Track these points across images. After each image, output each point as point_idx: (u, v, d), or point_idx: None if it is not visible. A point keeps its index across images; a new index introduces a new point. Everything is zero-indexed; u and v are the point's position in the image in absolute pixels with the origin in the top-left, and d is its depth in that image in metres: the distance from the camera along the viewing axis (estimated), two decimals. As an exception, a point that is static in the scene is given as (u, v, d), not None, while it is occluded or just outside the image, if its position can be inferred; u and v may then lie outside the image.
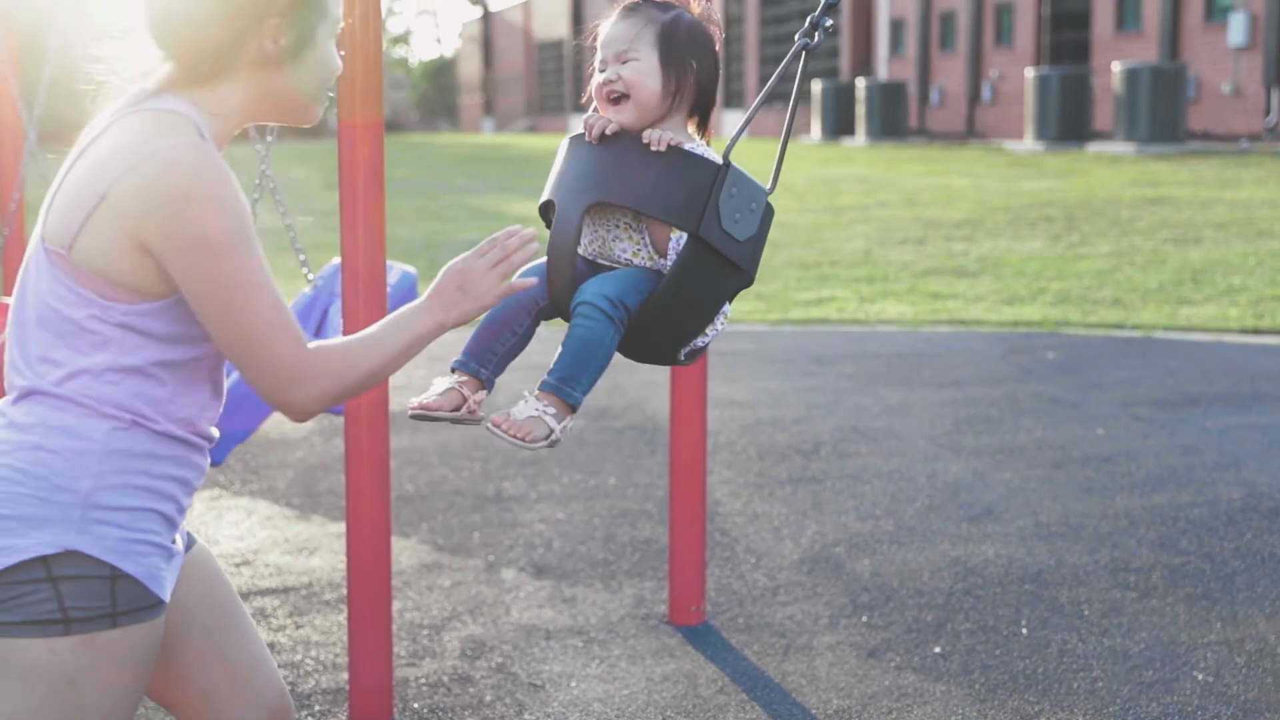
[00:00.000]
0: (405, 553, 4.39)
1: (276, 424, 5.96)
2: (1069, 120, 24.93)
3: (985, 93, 31.87)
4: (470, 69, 79.28)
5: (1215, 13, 25.82)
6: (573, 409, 2.10)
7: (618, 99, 2.13)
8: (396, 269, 4.05)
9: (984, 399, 6.47)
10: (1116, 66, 23.50)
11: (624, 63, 2.13)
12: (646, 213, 2.09)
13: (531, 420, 2.07)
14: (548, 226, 2.16)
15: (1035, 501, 4.86)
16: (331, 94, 1.93)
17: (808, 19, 2.20)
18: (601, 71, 2.15)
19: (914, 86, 34.24)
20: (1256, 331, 8.09)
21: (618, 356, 2.17)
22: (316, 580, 4.14)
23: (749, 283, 2.17)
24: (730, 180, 2.10)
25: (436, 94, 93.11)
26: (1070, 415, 6.11)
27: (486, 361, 2.17)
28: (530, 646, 3.66)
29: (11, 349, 1.83)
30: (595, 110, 2.19)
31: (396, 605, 3.89)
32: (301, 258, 4.05)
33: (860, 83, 32.06)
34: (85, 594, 1.74)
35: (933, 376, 7.01)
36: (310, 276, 4.12)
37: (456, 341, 2.36)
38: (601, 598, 4.00)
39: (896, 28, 35.95)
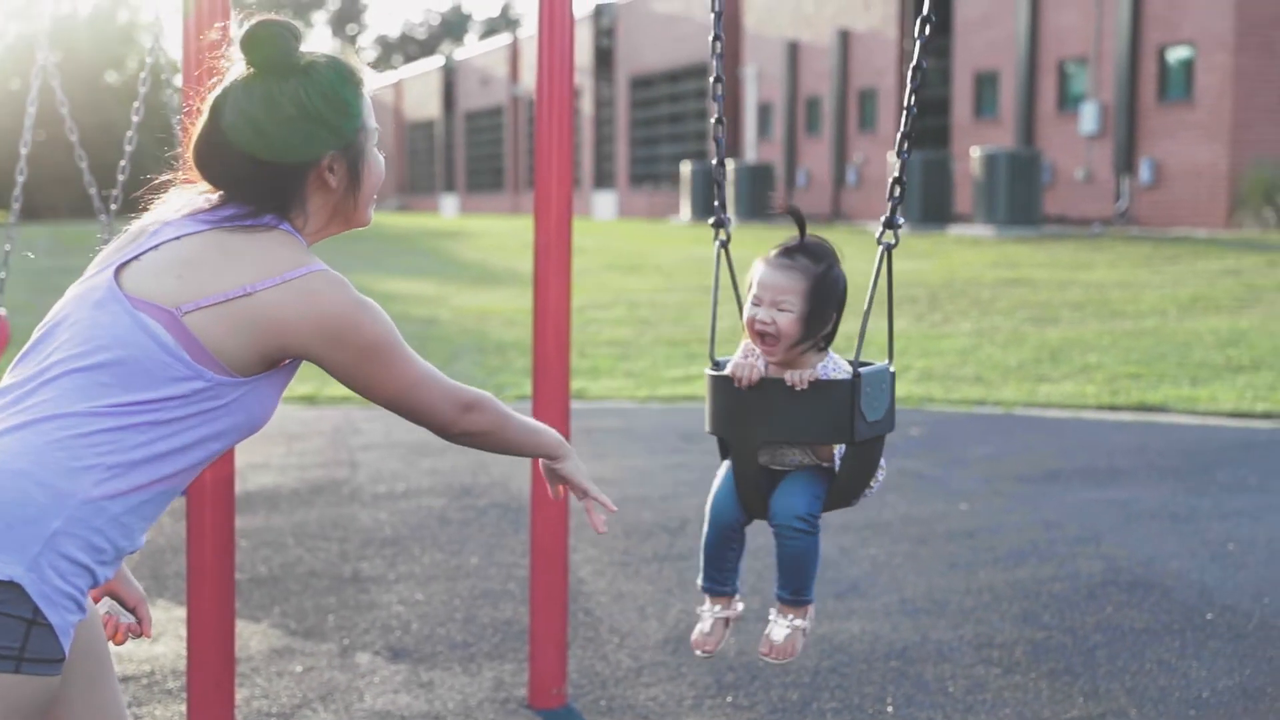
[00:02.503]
0: (255, 637, 4.22)
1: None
2: (931, 203, 25.51)
3: (850, 176, 32.53)
4: (340, 148, 78.76)
5: (1067, 102, 26.71)
6: (809, 604, 2.59)
7: (768, 337, 2.51)
8: None
9: (849, 475, 6.46)
10: (975, 152, 24.14)
11: (779, 310, 2.50)
12: (808, 442, 2.52)
13: (789, 639, 2.59)
14: (721, 452, 2.66)
15: (900, 577, 4.85)
16: None
17: (882, 219, 2.50)
18: (756, 306, 2.52)
19: (781, 169, 34.84)
20: (1112, 408, 8.25)
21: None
22: (159, 668, 3.95)
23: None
24: (864, 384, 2.47)
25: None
26: (934, 490, 6.14)
27: (727, 577, 2.64)
28: (384, 734, 3.51)
29: (44, 374, 1.89)
30: (743, 349, 2.58)
31: (242, 693, 3.72)
32: None
33: (729, 164, 32.53)
34: (0, 631, 1.78)
35: (799, 453, 7.01)
36: None
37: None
38: (460, 681, 3.88)
39: (764, 111, 36.61)
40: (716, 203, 2.72)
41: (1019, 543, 5.26)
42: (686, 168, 34.99)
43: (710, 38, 2.78)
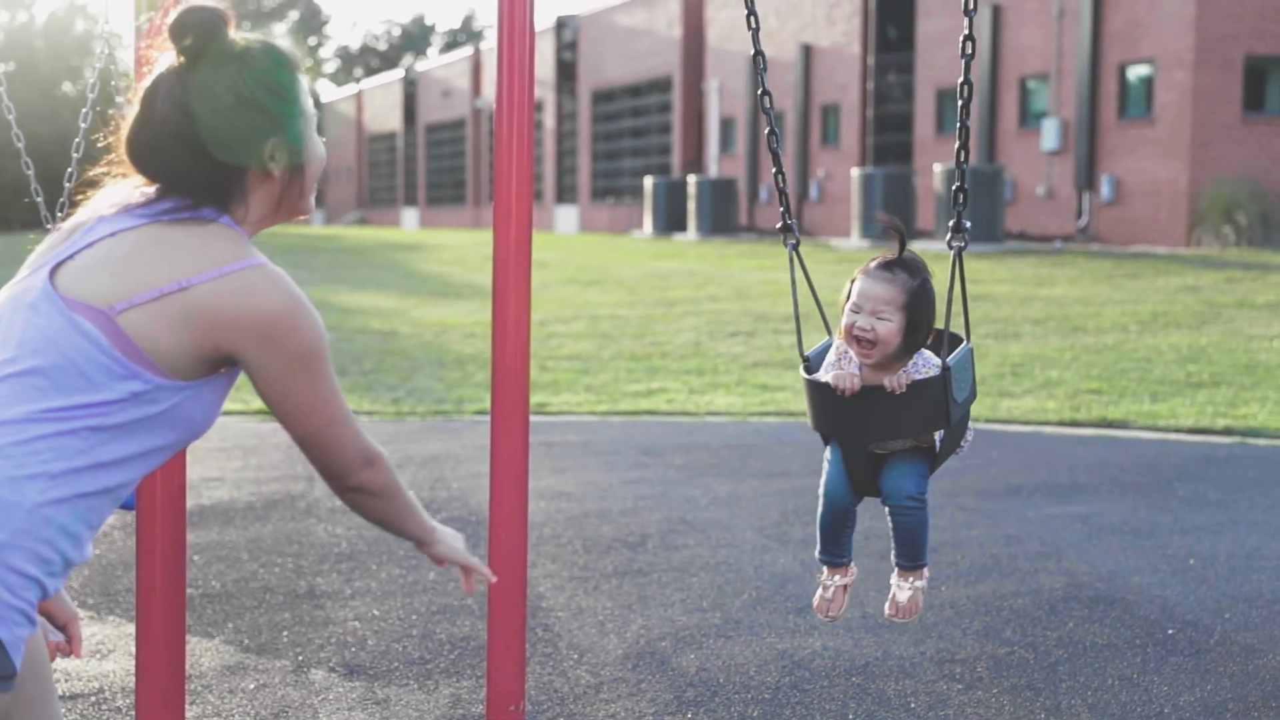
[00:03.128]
0: (207, 654, 4.14)
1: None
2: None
3: (813, 191, 32.61)
4: (301, 160, 78.52)
5: (1029, 118, 26.88)
6: (925, 566, 2.99)
7: (866, 343, 2.78)
8: None
9: (811, 490, 6.40)
10: (937, 168, 24.24)
11: (879, 319, 2.77)
12: (912, 438, 2.82)
13: (912, 599, 2.97)
14: (823, 439, 2.97)
15: (862, 592, 4.80)
16: None
17: (950, 224, 2.82)
18: (855, 313, 2.79)
19: (744, 184, 34.90)
20: (1074, 424, 8.26)
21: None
22: (108, 686, 3.86)
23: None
24: (953, 373, 2.74)
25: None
26: (896, 505, 6.10)
27: (843, 550, 3.05)
28: (338, 753, 3.45)
29: None
30: (836, 351, 2.88)
31: (193, 711, 3.64)
32: None
33: (691, 179, 32.55)
34: None
35: (761, 468, 6.98)
36: None
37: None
38: (416, 698, 3.81)
39: (726, 126, 36.68)
40: (782, 209, 2.91)
41: (981, 558, 5.23)
42: (649, 182, 34.99)
43: (752, 53, 2.94)
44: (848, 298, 2.81)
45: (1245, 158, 23.05)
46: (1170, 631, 4.35)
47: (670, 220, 33.74)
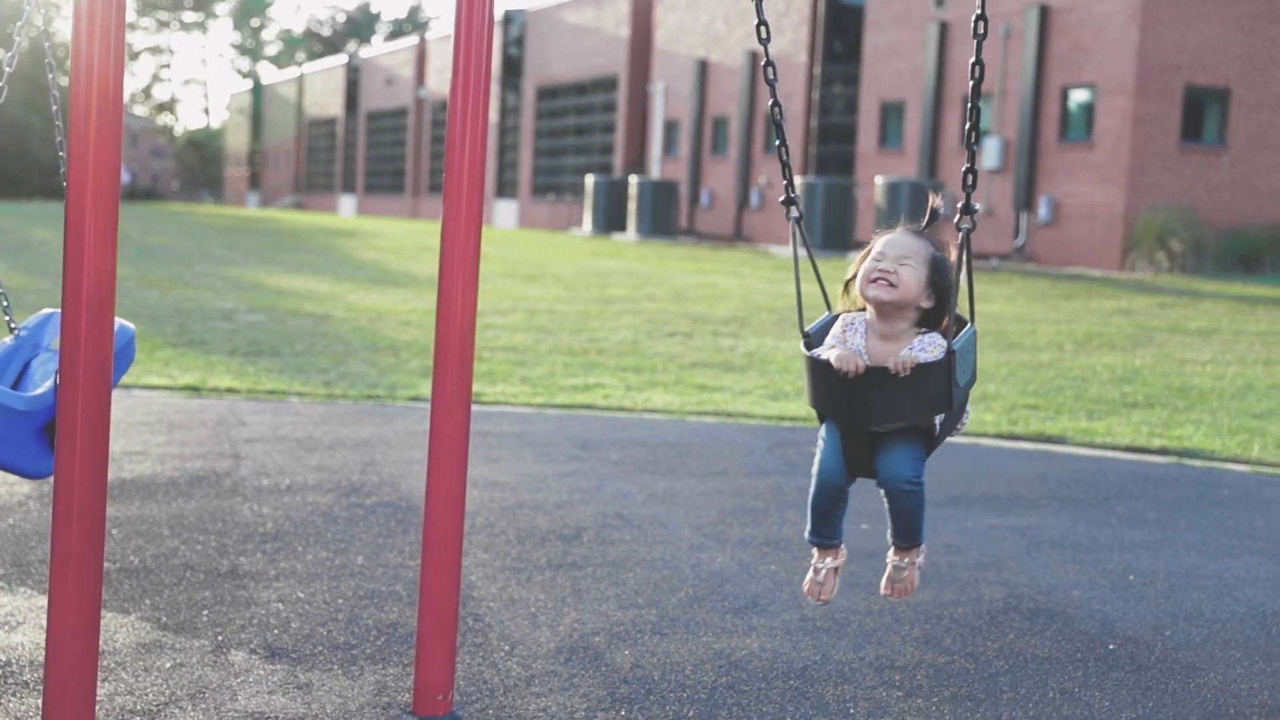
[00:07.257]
0: (122, 630, 3.97)
1: (-10, 486, 5.43)
2: (833, 229, 25.64)
3: (753, 198, 32.63)
4: (238, 141, 77.77)
5: (971, 136, 27.03)
6: (921, 545, 3.16)
7: (887, 284, 2.88)
8: (115, 323, 3.69)
9: (750, 490, 6.35)
10: (879, 180, 24.31)
11: (903, 265, 2.90)
12: (913, 422, 2.81)
13: (908, 577, 3.19)
14: (819, 416, 2.95)
15: (801, 595, 4.71)
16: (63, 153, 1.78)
17: (959, 205, 2.85)
18: (878, 262, 2.91)
19: (685, 187, 34.85)
20: (1011, 437, 8.23)
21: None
22: (16, 659, 3.68)
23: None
24: (958, 358, 2.76)
25: (200, 164, 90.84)
26: (834, 510, 6.02)
27: (834, 531, 3.14)
28: (256, 738, 3.30)
29: None
30: (842, 323, 3.00)
31: (105, 688, 3.47)
32: (4, 304, 3.69)
33: (633, 180, 32.46)
34: None
35: (699, 466, 6.88)
36: (14, 325, 3.73)
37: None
38: (340, 684, 3.67)
39: (670, 129, 36.62)
40: (785, 181, 3.01)
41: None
42: (590, 180, 34.87)
43: (763, 63, 3.20)
44: (866, 255, 2.93)
45: (1181, 186, 23.31)
46: (1111, 647, 4.30)
47: (610, 220, 33.63)
